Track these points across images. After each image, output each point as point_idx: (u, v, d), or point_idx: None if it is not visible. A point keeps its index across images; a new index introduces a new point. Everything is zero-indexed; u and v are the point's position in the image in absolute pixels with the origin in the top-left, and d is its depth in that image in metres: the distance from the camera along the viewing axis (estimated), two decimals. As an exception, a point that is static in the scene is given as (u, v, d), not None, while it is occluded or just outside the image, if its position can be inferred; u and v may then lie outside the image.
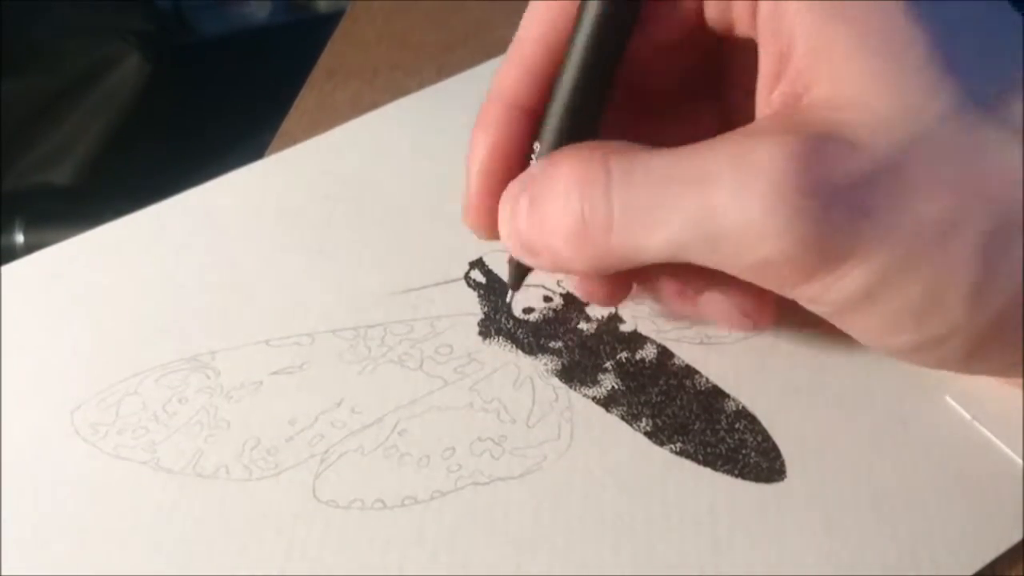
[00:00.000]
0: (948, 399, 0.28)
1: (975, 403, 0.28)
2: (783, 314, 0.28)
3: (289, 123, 0.41)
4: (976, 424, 0.27)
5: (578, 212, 0.24)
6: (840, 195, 0.21)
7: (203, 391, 0.30)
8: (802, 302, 0.24)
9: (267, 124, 0.42)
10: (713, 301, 0.28)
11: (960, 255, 0.21)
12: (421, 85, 0.40)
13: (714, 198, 0.22)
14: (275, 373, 0.30)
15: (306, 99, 0.42)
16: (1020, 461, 0.27)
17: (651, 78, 0.28)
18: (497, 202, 0.27)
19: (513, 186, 0.26)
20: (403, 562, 0.26)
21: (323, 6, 0.96)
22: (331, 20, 0.48)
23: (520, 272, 0.29)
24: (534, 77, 0.27)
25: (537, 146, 0.27)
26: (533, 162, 0.26)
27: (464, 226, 0.33)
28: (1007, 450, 0.27)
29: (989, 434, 0.27)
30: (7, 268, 0.34)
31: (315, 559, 0.26)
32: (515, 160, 0.27)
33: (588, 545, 0.26)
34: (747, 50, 0.25)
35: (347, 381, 0.30)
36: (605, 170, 0.24)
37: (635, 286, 0.29)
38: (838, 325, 0.25)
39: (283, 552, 0.26)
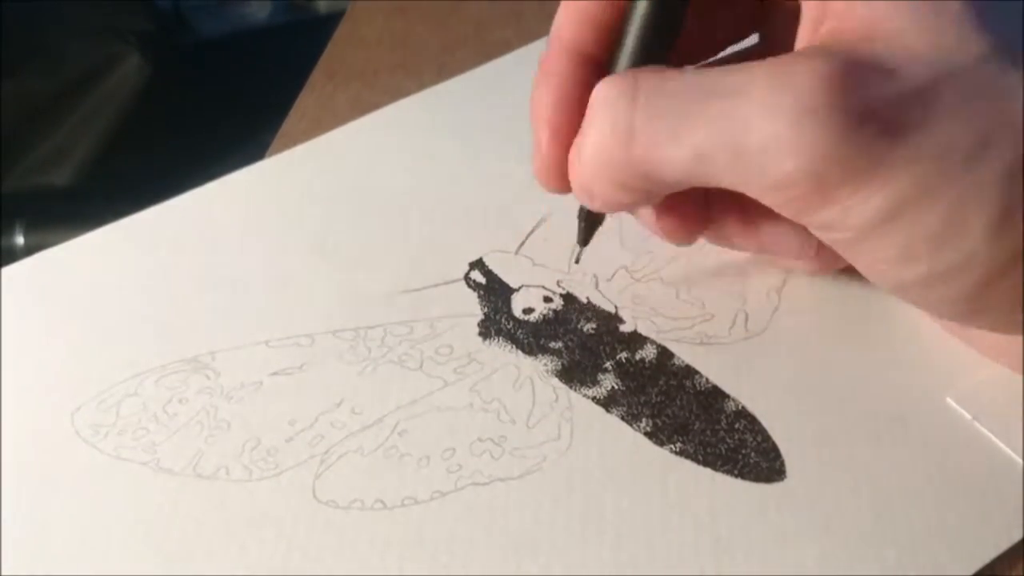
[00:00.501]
0: (949, 400, 0.28)
1: (976, 403, 0.28)
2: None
3: (289, 124, 0.41)
4: (976, 424, 0.27)
5: (602, 127, 0.24)
6: (870, 114, 0.22)
7: (203, 392, 0.30)
8: (818, 231, 0.24)
9: (267, 125, 0.42)
10: (777, 232, 0.28)
11: (986, 180, 0.22)
12: (421, 86, 0.40)
13: (743, 110, 0.22)
14: (275, 374, 0.30)
15: (306, 100, 0.42)
16: (1020, 461, 0.27)
17: (696, 46, 0.28)
18: (564, 154, 0.27)
19: (578, 135, 0.26)
20: (403, 562, 0.26)
21: (323, 7, 0.96)
22: (331, 21, 0.48)
23: (590, 223, 0.29)
24: (594, 22, 0.27)
25: None
26: None
27: (463, 227, 0.33)
28: (1007, 450, 0.27)
29: (989, 434, 0.27)
30: (7, 270, 0.34)
31: (315, 559, 0.26)
32: (583, 112, 0.26)
33: (588, 545, 0.26)
34: (789, 11, 0.26)
35: (347, 382, 0.30)
36: (634, 86, 0.24)
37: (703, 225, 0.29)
38: (849, 257, 0.25)
39: (283, 552, 0.26)
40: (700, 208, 0.29)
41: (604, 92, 0.25)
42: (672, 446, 0.28)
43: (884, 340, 0.29)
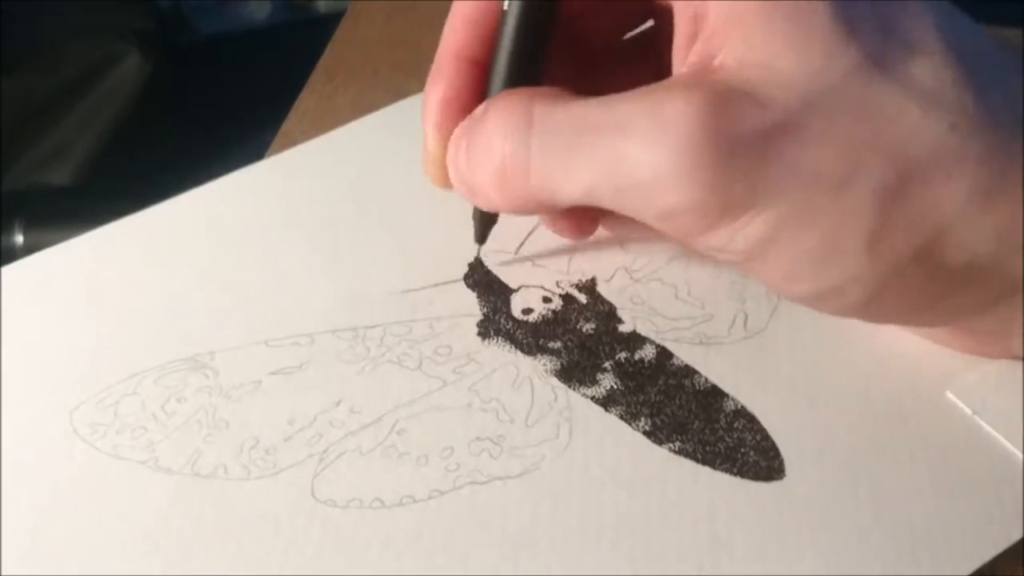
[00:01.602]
0: (949, 394, 0.28)
1: (976, 398, 0.28)
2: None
3: (289, 124, 0.41)
4: (977, 419, 0.27)
5: (499, 155, 0.26)
6: (742, 146, 0.23)
7: (202, 391, 0.30)
8: (711, 252, 0.25)
9: (267, 124, 0.42)
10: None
11: (856, 205, 0.23)
12: (422, 86, 0.40)
13: (625, 147, 0.23)
14: (274, 373, 0.30)
15: (306, 100, 0.42)
16: (1021, 457, 0.27)
17: (593, 36, 0.30)
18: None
19: (457, 130, 0.28)
20: (401, 561, 0.26)
21: (323, 6, 0.96)
22: (331, 20, 0.48)
23: (484, 223, 0.31)
24: (479, 29, 0.28)
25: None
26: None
27: (463, 227, 0.33)
28: (1008, 445, 0.27)
29: (990, 429, 0.27)
30: (7, 269, 0.34)
31: (313, 558, 0.26)
32: (467, 111, 0.28)
33: (586, 544, 0.26)
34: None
35: (346, 381, 0.30)
36: (528, 115, 0.25)
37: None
38: (745, 273, 0.26)
39: (281, 551, 0.26)
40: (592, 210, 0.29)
41: (500, 118, 0.26)
42: (671, 445, 0.28)
43: (882, 339, 0.29)
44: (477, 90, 0.29)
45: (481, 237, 0.32)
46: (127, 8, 0.88)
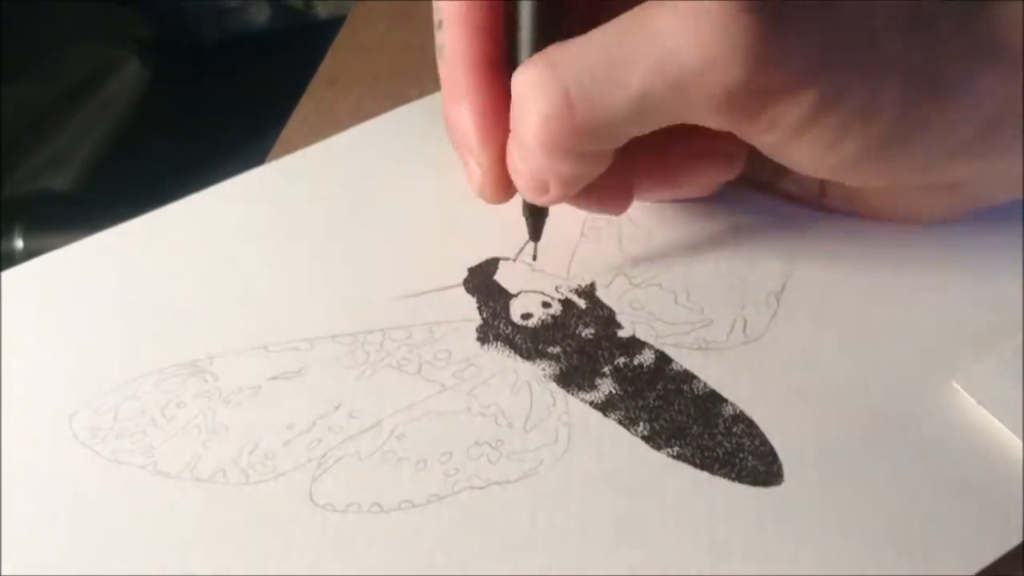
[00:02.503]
0: (954, 384, 0.28)
1: (981, 388, 0.28)
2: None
3: (290, 131, 0.41)
4: (982, 410, 0.27)
5: (537, 108, 0.25)
6: (780, 12, 0.24)
7: (201, 396, 0.30)
8: (760, 135, 0.26)
9: (267, 131, 0.42)
10: (689, 179, 0.30)
11: (888, 61, 0.25)
12: (422, 93, 0.40)
13: (670, 41, 0.24)
14: (273, 378, 0.30)
15: (306, 107, 0.42)
16: (1021, 443, 0.27)
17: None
18: (502, 162, 0.28)
19: (509, 140, 0.28)
20: (400, 566, 0.26)
21: (323, 12, 0.96)
22: (331, 26, 0.48)
23: (536, 217, 0.31)
24: (481, 29, 0.28)
25: None
26: None
27: (463, 230, 0.33)
28: (1013, 438, 0.27)
29: (995, 420, 0.27)
30: (7, 274, 0.34)
31: (312, 563, 0.26)
32: (502, 115, 0.28)
33: (585, 549, 0.26)
34: None
35: (345, 386, 0.30)
36: (547, 61, 0.25)
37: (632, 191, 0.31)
38: (784, 155, 0.27)
39: (280, 556, 0.26)
40: (623, 179, 0.30)
41: (524, 77, 0.26)
42: (669, 450, 0.28)
43: (882, 344, 0.29)
44: (504, 92, 0.28)
45: (536, 234, 0.31)
46: (126, 15, 0.88)
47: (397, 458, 0.28)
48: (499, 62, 0.28)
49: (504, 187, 0.29)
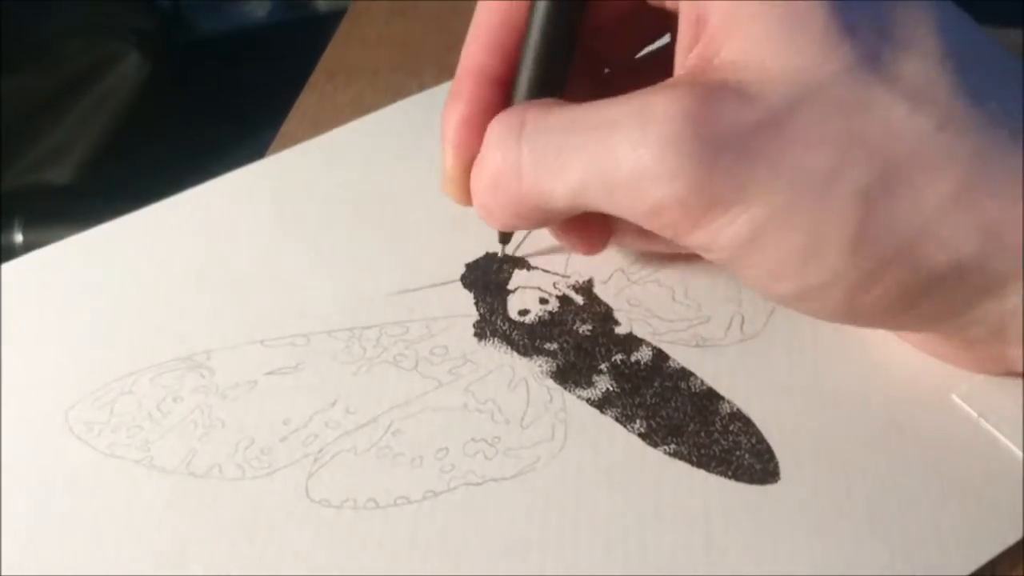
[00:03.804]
0: (954, 397, 0.28)
1: (982, 401, 0.28)
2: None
3: (289, 125, 0.41)
4: (982, 422, 0.27)
5: (494, 164, 0.26)
6: (727, 143, 0.23)
7: (198, 390, 0.30)
8: (699, 251, 0.26)
9: (267, 124, 0.42)
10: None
11: (839, 205, 0.23)
12: (422, 87, 0.40)
13: (612, 144, 0.24)
14: (270, 373, 0.30)
15: (307, 100, 0.42)
16: (1021, 456, 0.27)
17: (608, 54, 0.31)
18: (467, 172, 0.29)
19: (480, 154, 0.28)
20: (395, 562, 0.26)
21: (323, 5, 0.96)
22: (331, 19, 0.48)
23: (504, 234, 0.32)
24: (499, 48, 0.29)
25: None
26: None
27: (461, 226, 0.33)
28: (1011, 447, 0.27)
29: (995, 432, 0.27)
30: (6, 267, 0.34)
31: (307, 558, 0.26)
32: (482, 129, 0.28)
33: (581, 546, 0.26)
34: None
35: (342, 381, 0.30)
36: (520, 122, 0.26)
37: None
38: (732, 272, 0.26)
39: (275, 551, 0.26)
40: (601, 222, 0.30)
41: (495, 128, 0.27)
42: (666, 447, 0.28)
43: (880, 342, 0.29)
44: (498, 110, 0.28)
45: (504, 238, 0.32)
46: (127, 8, 0.88)
47: (393, 454, 0.28)
48: (503, 82, 0.29)
49: (461, 194, 0.29)
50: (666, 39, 0.31)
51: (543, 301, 0.32)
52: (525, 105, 0.27)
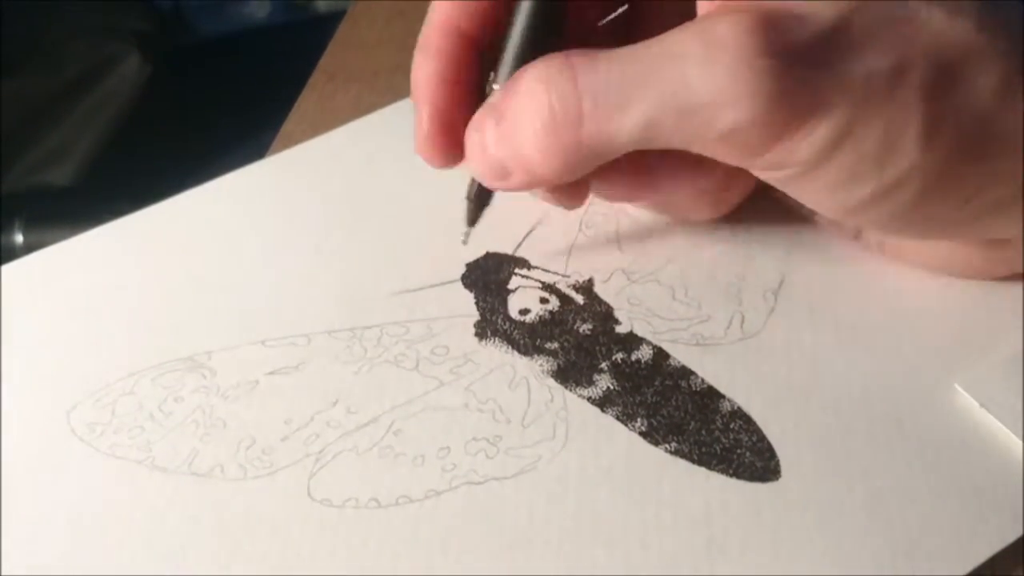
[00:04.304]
0: (957, 386, 0.28)
1: (984, 390, 0.28)
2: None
3: (289, 126, 0.41)
4: (984, 412, 0.27)
5: (547, 108, 0.26)
6: (797, 57, 0.24)
7: (199, 391, 0.30)
8: (765, 172, 0.26)
9: (267, 125, 0.42)
10: (674, 182, 0.29)
11: (908, 100, 0.24)
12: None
13: (684, 72, 0.24)
14: (271, 373, 0.30)
15: (306, 101, 0.42)
16: (1022, 444, 0.27)
17: (570, 26, 0.30)
18: (448, 130, 0.29)
19: (479, 114, 0.28)
20: (397, 561, 0.26)
21: (323, 6, 0.96)
22: (331, 20, 0.48)
23: (479, 203, 0.31)
24: (471, 6, 0.29)
25: (493, 76, 0.28)
26: (495, 91, 0.28)
27: (461, 226, 0.33)
28: (1012, 438, 0.27)
29: (997, 422, 0.27)
30: (7, 268, 0.34)
31: (309, 558, 0.26)
32: (462, 87, 0.29)
33: (582, 544, 0.26)
34: None
35: (343, 381, 0.30)
36: (569, 65, 0.25)
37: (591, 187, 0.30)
38: (794, 191, 0.27)
39: (277, 551, 0.26)
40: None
41: (537, 72, 0.26)
42: (667, 446, 0.28)
43: (880, 340, 0.29)
44: (470, 65, 0.29)
45: (474, 219, 0.31)
46: (127, 9, 0.88)
47: (395, 453, 0.28)
48: (474, 39, 0.29)
49: (440, 154, 0.29)
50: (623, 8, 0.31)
51: (544, 301, 0.32)
52: (563, 53, 0.26)
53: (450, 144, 0.29)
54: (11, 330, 0.32)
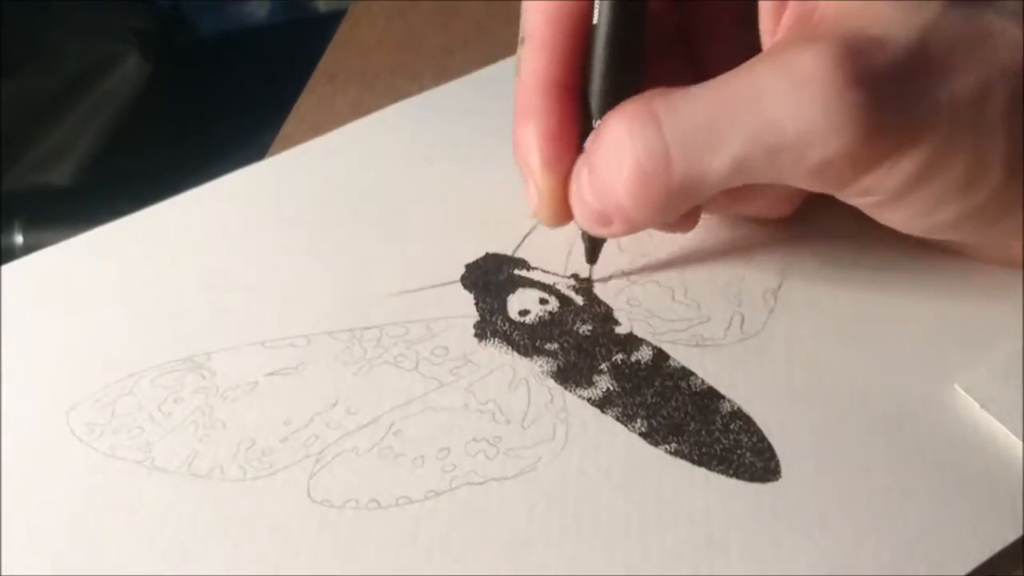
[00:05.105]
0: (957, 387, 0.28)
1: (984, 391, 0.28)
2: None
3: (289, 127, 0.41)
4: (984, 412, 0.27)
5: (634, 158, 0.25)
6: (884, 86, 0.23)
7: (199, 392, 0.30)
8: (852, 197, 0.26)
9: (267, 125, 0.42)
10: (758, 200, 0.30)
11: (994, 123, 0.24)
12: (421, 89, 0.40)
13: (770, 110, 0.24)
14: (271, 374, 0.30)
15: (306, 103, 0.42)
16: (1023, 451, 0.27)
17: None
18: (563, 188, 0.28)
19: (577, 165, 0.28)
20: (397, 562, 0.26)
21: (323, 5, 0.96)
22: (331, 20, 0.48)
23: (593, 245, 0.31)
24: (560, 53, 0.28)
25: (593, 124, 0.28)
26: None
27: (460, 226, 0.33)
28: (1012, 438, 0.27)
29: (997, 422, 0.27)
30: (6, 268, 0.34)
31: (309, 559, 0.26)
32: (569, 139, 0.28)
33: (582, 545, 0.26)
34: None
35: (343, 382, 0.30)
36: (650, 111, 0.25)
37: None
38: (879, 215, 0.27)
39: (277, 552, 0.26)
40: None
41: (623, 120, 0.26)
42: (667, 446, 0.28)
43: (880, 340, 0.29)
44: (574, 118, 0.28)
45: (593, 257, 0.31)
46: (127, 9, 0.88)
47: (394, 454, 0.28)
48: (573, 87, 0.28)
49: (562, 212, 0.29)
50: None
51: (543, 302, 0.32)
52: (642, 96, 0.26)
53: (566, 202, 0.29)
54: (10, 331, 0.32)
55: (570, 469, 0.27)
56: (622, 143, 0.26)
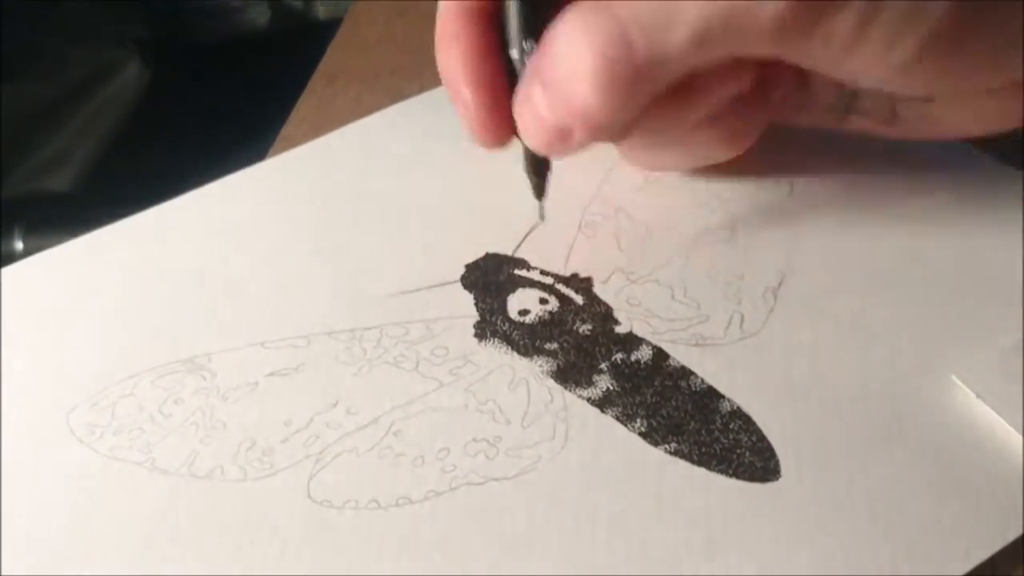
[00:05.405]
0: (953, 378, 0.28)
1: (980, 382, 0.28)
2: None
3: (289, 128, 0.41)
4: (981, 404, 0.27)
5: (594, 48, 0.26)
6: None
7: (199, 393, 0.30)
8: (819, 57, 0.26)
9: (266, 132, 0.42)
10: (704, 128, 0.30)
11: None
12: (422, 88, 0.40)
13: None
14: (271, 375, 0.30)
15: (306, 104, 0.42)
16: (1022, 444, 0.27)
17: None
18: (495, 107, 0.29)
19: (523, 85, 0.28)
20: (397, 562, 0.26)
21: (322, 13, 0.96)
22: (330, 27, 0.48)
23: (541, 173, 0.31)
24: None
25: (514, 50, 0.29)
26: (525, 62, 0.28)
27: (460, 229, 0.33)
28: (1011, 432, 0.27)
29: (994, 414, 0.27)
30: (7, 270, 0.34)
31: (310, 559, 0.26)
32: (495, 62, 0.29)
33: (582, 545, 0.26)
34: None
35: (343, 382, 0.30)
36: (600, 3, 0.26)
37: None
38: (847, 71, 0.27)
39: (277, 552, 0.26)
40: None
41: (574, 20, 0.26)
42: (667, 446, 0.28)
43: (880, 340, 0.29)
44: (497, 43, 0.29)
45: (542, 190, 0.32)
46: (127, 15, 0.88)
47: (395, 454, 0.28)
48: (490, 12, 0.29)
49: (494, 129, 0.29)
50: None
51: (543, 301, 0.32)
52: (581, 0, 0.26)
53: (501, 121, 0.29)
54: (10, 332, 0.32)
55: (570, 469, 0.27)
56: (578, 39, 0.26)
